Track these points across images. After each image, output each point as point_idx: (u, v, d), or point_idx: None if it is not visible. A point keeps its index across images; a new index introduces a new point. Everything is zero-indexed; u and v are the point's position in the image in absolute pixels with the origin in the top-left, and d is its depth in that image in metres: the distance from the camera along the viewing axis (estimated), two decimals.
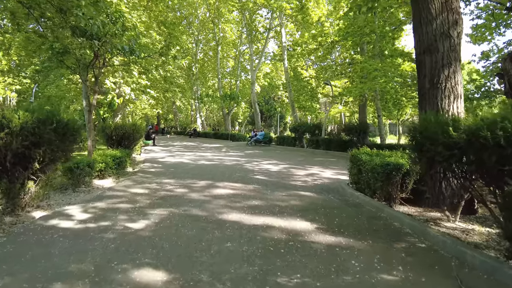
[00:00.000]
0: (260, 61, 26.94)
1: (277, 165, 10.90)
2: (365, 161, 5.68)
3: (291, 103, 20.38)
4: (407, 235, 3.93)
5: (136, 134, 11.25)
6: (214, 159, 12.93)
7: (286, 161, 12.35)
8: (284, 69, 20.76)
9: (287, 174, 8.88)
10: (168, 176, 8.46)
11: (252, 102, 26.40)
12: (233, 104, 28.83)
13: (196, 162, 11.86)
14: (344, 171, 9.72)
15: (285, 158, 13.67)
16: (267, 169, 9.87)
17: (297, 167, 10.46)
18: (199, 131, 35.38)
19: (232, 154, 15.44)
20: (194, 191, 6.59)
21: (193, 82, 37.62)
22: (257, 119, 25.28)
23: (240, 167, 10.29)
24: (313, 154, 15.97)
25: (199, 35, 35.99)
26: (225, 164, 11.11)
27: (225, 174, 8.73)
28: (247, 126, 49.33)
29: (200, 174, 8.75)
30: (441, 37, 5.13)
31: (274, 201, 5.67)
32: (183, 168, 10.18)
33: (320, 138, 17.29)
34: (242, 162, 11.75)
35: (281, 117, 43.38)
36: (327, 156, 14.62)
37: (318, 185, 7.36)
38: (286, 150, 18.37)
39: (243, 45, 32.25)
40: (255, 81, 26.69)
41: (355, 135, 14.87)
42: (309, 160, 12.74)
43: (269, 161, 12.15)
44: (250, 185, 7.22)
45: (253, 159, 13.01)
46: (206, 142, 26.39)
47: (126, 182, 7.85)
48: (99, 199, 5.91)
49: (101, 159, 8.28)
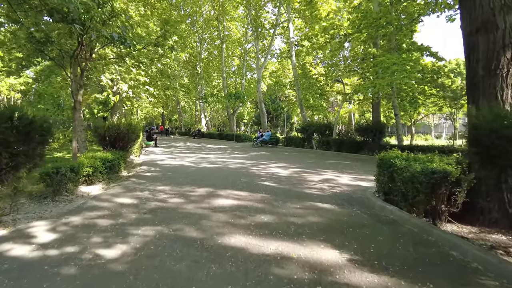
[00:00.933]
0: (266, 59, 25.87)
1: (287, 169, 9.83)
2: (400, 168, 4.59)
3: (299, 102, 19.28)
4: (477, 273, 2.84)
5: (131, 134, 10.27)
6: (218, 161, 11.91)
7: (295, 164, 11.28)
8: (292, 66, 19.67)
9: (299, 180, 7.81)
10: (164, 182, 7.45)
11: (258, 102, 25.34)
12: (238, 104, 27.82)
13: (197, 165, 10.85)
14: (363, 176, 8.65)
15: (294, 160, 12.59)
16: (276, 174, 8.80)
17: (309, 171, 9.38)
18: (204, 132, 34.43)
19: (237, 156, 14.41)
20: (191, 201, 5.55)
21: (198, 82, 36.73)
22: (263, 119, 24.21)
23: (245, 171, 9.24)
24: (324, 156, 14.86)
25: (203, 34, 35.10)
26: (229, 168, 10.08)
27: (228, 180, 7.69)
28: (253, 127, 48.30)
29: (201, 180, 7.73)
30: (501, 10, 4.03)
31: (288, 216, 4.61)
32: (183, 172, 9.17)
33: (331, 139, 16.17)
34: (248, 165, 10.71)
35: (287, 117, 42.28)
36: (339, 159, 13.50)
37: (338, 194, 6.28)
38: (294, 151, 17.29)
39: (249, 43, 31.24)
40: (261, 79, 25.62)
41: (370, 136, 13.73)
42: (320, 163, 11.65)
43: (277, 164, 11.09)
44: (257, 193, 6.16)
45: (260, 161, 11.96)
46: (210, 143, 25.41)
47: (116, 189, 6.86)
48: (77, 212, 4.91)
49: (88, 163, 7.31)
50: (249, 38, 30.46)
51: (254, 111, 43.83)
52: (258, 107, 43.66)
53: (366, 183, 7.50)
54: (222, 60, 30.32)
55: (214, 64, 36.68)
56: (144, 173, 9.05)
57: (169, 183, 7.36)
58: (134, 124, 10.35)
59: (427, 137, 47.53)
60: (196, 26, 34.89)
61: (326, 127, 17.02)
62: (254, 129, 50.12)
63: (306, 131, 17.66)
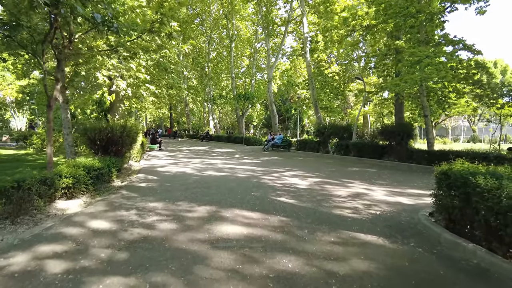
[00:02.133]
0: (277, 58, 24.47)
1: (305, 179, 8.38)
2: (487, 189, 3.12)
3: (313, 102, 17.81)
4: None
5: (126, 138, 8.99)
6: (225, 168, 10.54)
7: (314, 172, 9.83)
8: (306, 64, 18.22)
9: (323, 194, 6.36)
10: (159, 197, 6.10)
11: (268, 103, 23.91)
12: (247, 105, 26.48)
13: (201, 172, 9.49)
14: (399, 188, 7.13)
15: (312, 167, 11.13)
16: (293, 185, 7.37)
17: (332, 182, 7.91)
18: (212, 134, 33.19)
19: (247, 161, 13.01)
20: (186, 228, 4.17)
21: (206, 83, 35.60)
22: (274, 121, 22.77)
23: (256, 182, 7.83)
24: (344, 162, 13.35)
25: (212, 33, 33.97)
26: (237, 177, 8.68)
27: (236, 194, 6.30)
28: (262, 129, 46.94)
29: (203, 193, 6.35)
30: None
31: (321, 259, 3.18)
32: (183, 181, 7.82)
33: (350, 143, 14.64)
34: (259, 173, 9.30)
35: (299, 120, 40.74)
36: (362, 165, 11.97)
37: (379, 217, 4.81)
38: (309, 156, 15.80)
39: (259, 42, 29.94)
40: (272, 79, 24.20)
41: (397, 139, 12.17)
42: (343, 171, 10.16)
43: (293, 172, 9.65)
44: (273, 215, 4.75)
45: (273, 168, 10.54)
46: (218, 146, 24.10)
47: (99, 205, 5.56)
48: (30, 245, 3.61)
49: (68, 172, 6.03)
50: (259, 37, 29.18)
51: (264, 113, 42.46)
52: (268, 109, 42.30)
53: (408, 200, 6.01)
54: (231, 60, 29.06)
55: (223, 64, 35.52)
56: (139, 183, 7.74)
57: (164, 198, 6.01)
58: (129, 126, 9.06)
59: (445, 140, 45.25)
60: (204, 25, 33.79)
61: (344, 129, 15.50)
62: (263, 132, 48.69)
63: (322, 134, 16.17)
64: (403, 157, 12.13)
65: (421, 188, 7.26)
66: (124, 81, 11.39)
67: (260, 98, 32.96)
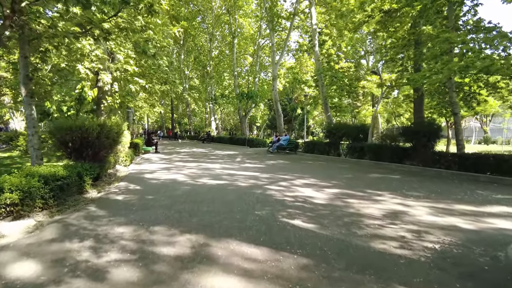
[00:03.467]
0: (282, 53, 22.91)
1: (321, 189, 6.84)
2: None
3: (323, 100, 16.24)
4: None
5: (105, 139, 7.50)
6: (223, 174, 9.02)
7: (329, 179, 8.28)
8: (314, 57, 16.66)
9: (351, 214, 4.82)
10: (132, 217, 4.60)
11: (273, 101, 22.34)
12: (250, 105, 24.95)
13: (195, 180, 7.98)
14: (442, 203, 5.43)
15: (325, 173, 9.59)
16: (308, 199, 5.82)
17: (355, 194, 6.36)
18: (213, 136, 31.72)
19: (249, 166, 11.48)
20: (149, 283, 2.65)
21: (208, 82, 34.18)
22: (279, 121, 21.21)
23: (261, 194, 6.30)
24: (360, 166, 11.78)
25: (213, 30, 32.56)
26: (237, 186, 7.16)
27: (234, 213, 4.77)
28: (266, 130, 45.41)
29: (190, 212, 4.84)
30: None
31: None
32: (170, 193, 6.32)
33: (366, 145, 13.07)
34: (264, 182, 7.76)
35: (303, 121, 39.12)
36: (382, 171, 10.41)
37: (442, 255, 3.25)
38: (319, 160, 14.23)
39: (263, 39, 28.44)
40: (277, 76, 22.64)
41: (423, 141, 10.59)
42: (363, 179, 8.61)
43: (305, 180, 8.10)
44: (286, 253, 3.22)
45: (280, 175, 9.00)
46: (219, 148, 22.60)
47: (48, 231, 4.12)
48: None
49: (15, 184, 4.59)
50: (263, 32, 27.68)
51: (268, 114, 40.93)
52: (272, 109, 40.73)
53: (465, 222, 4.44)
54: (233, 57, 27.57)
55: (226, 62, 34.09)
56: (116, 195, 6.25)
57: (139, 218, 4.50)
58: (109, 125, 7.57)
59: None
60: (206, 22, 32.40)
61: (358, 130, 13.92)
62: (267, 133, 47.14)
63: (333, 135, 14.59)
64: (428, 161, 10.54)
65: (471, 203, 5.68)
66: (109, 74, 9.97)
67: (264, 98, 31.48)
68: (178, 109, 57.05)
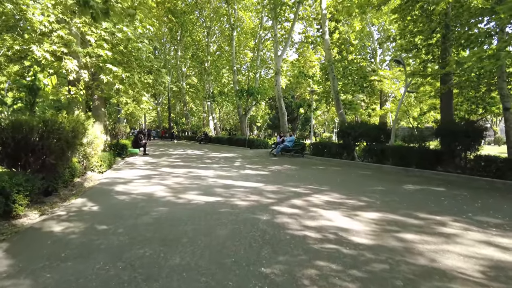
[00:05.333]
0: (286, 45, 20.79)
1: (353, 213, 4.80)
2: None
3: (334, 95, 14.17)
4: None
5: (53, 142, 5.46)
6: (216, 186, 6.98)
7: (355, 194, 6.24)
8: (324, 46, 14.58)
9: (425, 272, 2.78)
10: (42, 279, 2.56)
11: (276, 98, 20.25)
12: (251, 102, 22.88)
13: (177, 196, 5.94)
14: None
15: (347, 184, 7.56)
16: (343, 237, 3.77)
17: (406, 222, 4.33)
18: (211, 136, 29.68)
19: (250, 173, 9.44)
20: None
21: (205, 79, 32.15)
22: (283, 120, 19.12)
23: (268, 226, 4.24)
24: (384, 174, 9.76)
25: (211, 24, 30.52)
26: (233, 206, 5.11)
27: (225, 276, 2.73)
28: (267, 131, 43.35)
29: (149, 270, 2.80)
30: None
31: None
32: (134, 221, 4.29)
33: (388, 147, 11.06)
34: (271, 199, 5.73)
35: (306, 120, 37.04)
36: (417, 180, 8.38)
37: None
38: (332, 164, 12.18)
39: (264, 31, 26.37)
40: (280, 71, 20.55)
41: (464, 143, 8.57)
42: (400, 193, 6.58)
43: (325, 196, 6.06)
44: None
45: (290, 187, 6.96)
46: (217, 149, 20.55)
47: None
48: None
49: None
50: (265, 24, 25.60)
51: (269, 113, 38.85)
52: (273, 108, 38.65)
53: None
54: (232, 51, 25.47)
55: (224, 58, 32.05)
56: (56, 224, 4.25)
57: (56, 282, 2.47)
58: (59, 122, 5.52)
59: None
60: (204, 15, 30.37)
61: (379, 129, 11.87)
62: (268, 133, 45.03)
63: (348, 136, 12.55)
64: (472, 167, 8.53)
65: None
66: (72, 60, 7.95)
67: (265, 96, 29.40)
68: (176, 108, 54.99)
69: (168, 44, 40.73)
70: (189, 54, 35.87)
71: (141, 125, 69.19)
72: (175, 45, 38.35)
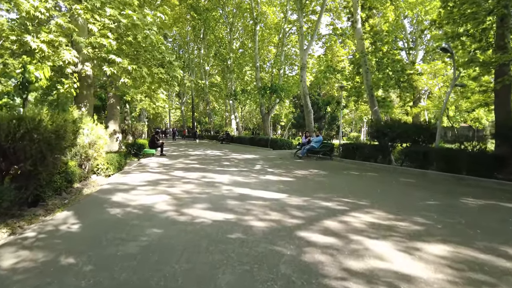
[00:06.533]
0: (313, 38, 19.32)
1: (410, 245, 3.46)
2: None
3: (368, 91, 12.62)
4: None
5: (29, 145, 4.50)
6: (230, 197, 5.83)
7: (406, 212, 4.86)
8: (356, 36, 13.02)
9: None
10: None
11: (301, 95, 18.78)
12: (274, 100, 21.60)
13: (180, 210, 4.84)
14: None
15: (391, 197, 6.16)
16: None
17: (494, 264, 2.95)
18: (233, 135, 28.71)
19: (271, 179, 8.21)
20: None
21: (228, 77, 31.24)
22: (309, 118, 17.68)
23: (294, 267, 3.03)
24: (432, 183, 8.23)
25: (234, 20, 29.55)
26: (246, 230, 3.92)
27: None
28: (290, 130, 41.86)
29: None
30: None
31: None
32: (113, 250, 3.21)
33: (433, 150, 9.47)
34: (297, 219, 4.49)
35: (333, 119, 35.19)
36: (477, 192, 6.82)
37: None
38: (366, 169, 10.70)
39: (289, 24, 24.99)
40: (306, 65, 19.10)
41: None
42: (463, 211, 5.13)
43: (368, 215, 4.72)
44: None
45: (320, 200, 5.67)
46: (237, 150, 19.48)
47: None
48: None
49: None
50: (290, 17, 24.26)
51: (293, 111, 37.34)
52: (297, 106, 37.07)
53: None
54: (255, 46, 24.31)
55: (247, 55, 31.00)
56: (17, 249, 3.23)
57: None
58: (36, 120, 4.55)
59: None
60: (226, 10, 29.43)
61: (421, 129, 10.26)
62: (292, 133, 43.48)
63: (384, 136, 11.01)
64: None
65: None
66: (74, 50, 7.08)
67: (290, 94, 28.02)
68: (199, 107, 54.65)
69: (192, 43, 40.35)
70: (212, 52, 35.22)
71: (166, 124, 69.83)
72: (198, 43, 37.83)
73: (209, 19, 28.99)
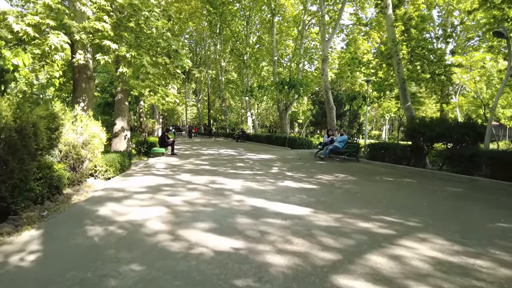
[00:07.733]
0: (336, 27, 17.83)
1: None
2: None
3: (400, 84, 11.14)
4: None
5: None
6: (240, 212, 4.71)
7: (477, 239, 3.59)
8: (387, 23, 11.50)
9: None
10: None
11: (323, 90, 17.32)
12: (293, 95, 20.29)
13: (175, 232, 3.75)
14: None
15: (443, 213, 4.86)
16: None
17: None
18: (249, 133, 27.61)
19: (292, 186, 7.02)
20: None
21: (244, 73, 30.15)
22: (331, 115, 16.24)
23: None
24: (484, 192, 6.83)
25: (250, 12, 28.37)
26: (260, 271, 2.78)
27: None
28: (308, 128, 40.33)
29: None
30: None
31: None
32: None
33: (483, 153, 8.02)
34: (330, 255, 3.31)
35: (354, 116, 33.43)
36: None
37: None
38: (399, 174, 9.30)
39: (309, 16, 23.60)
40: (328, 58, 17.69)
41: None
42: None
43: (425, 244, 3.47)
44: None
45: (356, 220, 4.46)
46: (253, 149, 18.36)
47: None
48: None
49: None
50: (310, 8, 22.85)
51: (312, 108, 35.81)
52: (316, 104, 35.51)
53: None
54: (273, 39, 23.06)
55: (264, 49, 29.80)
56: None
57: None
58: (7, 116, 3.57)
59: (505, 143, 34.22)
60: (242, 3, 28.28)
61: (467, 128, 8.76)
62: (309, 131, 41.93)
63: (420, 136, 9.59)
64: None
65: None
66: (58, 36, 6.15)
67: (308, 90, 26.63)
68: (215, 104, 53.90)
69: (209, 39, 39.57)
70: (228, 47, 34.27)
71: (183, 122, 69.55)
72: (214, 38, 36.97)
73: (225, 13, 27.96)
